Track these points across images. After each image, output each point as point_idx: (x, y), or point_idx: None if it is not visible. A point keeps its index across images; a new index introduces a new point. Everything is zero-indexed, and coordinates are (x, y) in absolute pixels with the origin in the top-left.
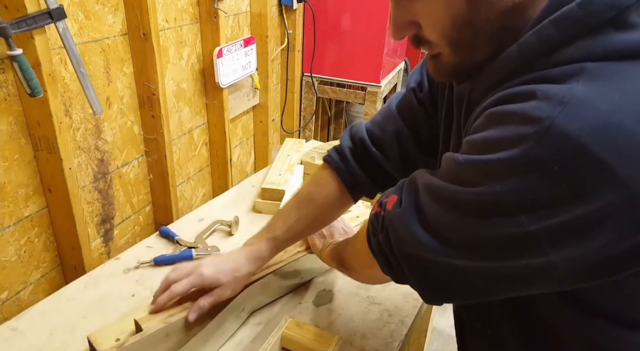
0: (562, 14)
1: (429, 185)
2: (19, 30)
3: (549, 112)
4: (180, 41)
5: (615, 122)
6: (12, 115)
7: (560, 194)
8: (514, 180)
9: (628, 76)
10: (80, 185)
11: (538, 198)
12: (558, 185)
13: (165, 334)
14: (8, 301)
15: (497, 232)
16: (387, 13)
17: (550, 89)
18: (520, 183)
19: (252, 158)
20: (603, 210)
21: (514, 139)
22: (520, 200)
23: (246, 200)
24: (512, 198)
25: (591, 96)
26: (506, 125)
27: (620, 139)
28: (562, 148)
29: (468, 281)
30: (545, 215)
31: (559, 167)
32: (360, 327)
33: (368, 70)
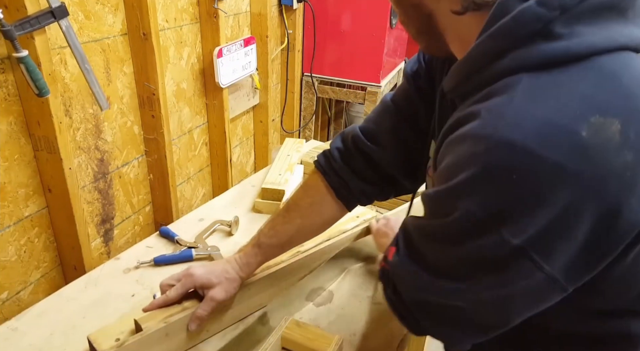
0: (497, 27)
1: (419, 227)
2: (23, 32)
3: (493, 126)
4: (180, 41)
5: (555, 123)
6: (12, 115)
7: (526, 201)
8: (481, 195)
9: (559, 83)
10: (80, 185)
11: (509, 209)
12: (521, 192)
13: (165, 334)
14: (8, 301)
15: (487, 253)
16: (387, 13)
17: (492, 104)
18: (488, 197)
19: (252, 158)
20: (569, 208)
21: (470, 159)
22: (494, 214)
23: (246, 200)
24: (486, 214)
25: (528, 104)
26: (461, 148)
27: (562, 138)
28: (513, 156)
29: (482, 315)
30: (522, 225)
31: (517, 175)
32: (360, 327)
33: (368, 70)
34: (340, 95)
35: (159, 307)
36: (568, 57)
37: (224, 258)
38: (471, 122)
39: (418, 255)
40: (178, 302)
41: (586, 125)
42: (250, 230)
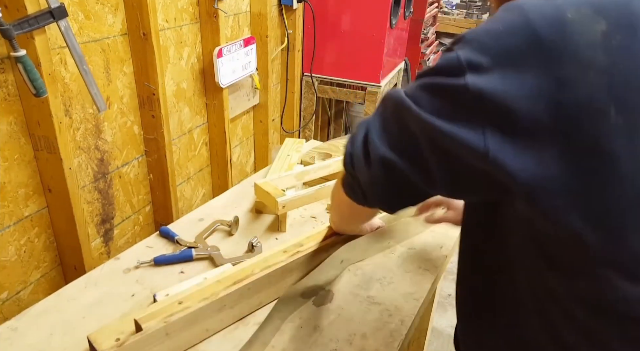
0: None
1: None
2: (22, 31)
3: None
4: (180, 41)
5: (552, 3)
6: (12, 115)
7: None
8: (474, 43)
9: None
10: (80, 185)
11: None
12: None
13: (166, 334)
14: (8, 301)
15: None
16: (387, 13)
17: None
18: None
19: (252, 158)
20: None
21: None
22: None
23: (246, 200)
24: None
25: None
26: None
27: (550, 13)
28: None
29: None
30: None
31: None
32: (360, 327)
33: (368, 70)
34: (340, 95)
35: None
36: None
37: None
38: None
39: (377, 116)
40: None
41: (575, 10)
42: (250, 230)
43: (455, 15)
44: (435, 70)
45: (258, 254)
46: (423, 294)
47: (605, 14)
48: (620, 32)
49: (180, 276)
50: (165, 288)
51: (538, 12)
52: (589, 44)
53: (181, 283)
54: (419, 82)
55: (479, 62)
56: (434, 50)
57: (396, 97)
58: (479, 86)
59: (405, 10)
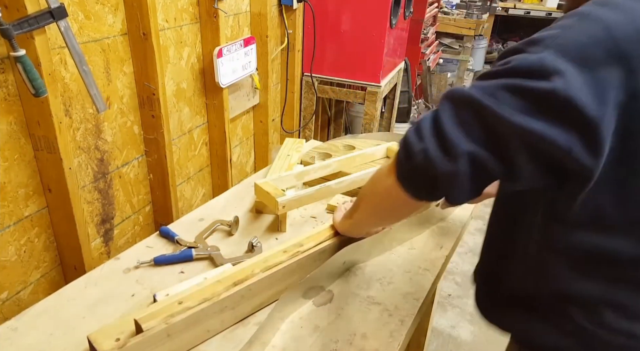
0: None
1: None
2: (21, 31)
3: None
4: (180, 41)
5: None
6: (12, 115)
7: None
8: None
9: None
10: (80, 185)
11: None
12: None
13: (167, 335)
14: (8, 301)
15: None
16: (387, 13)
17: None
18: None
19: (252, 158)
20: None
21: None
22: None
23: (246, 200)
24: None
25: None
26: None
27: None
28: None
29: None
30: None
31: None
32: (360, 327)
33: (368, 70)
34: (340, 95)
35: None
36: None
37: None
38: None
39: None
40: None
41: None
42: (250, 230)
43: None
44: (516, 72)
45: (258, 254)
46: (423, 294)
47: None
48: None
49: (180, 276)
50: (165, 288)
51: (618, 26)
52: None
53: (181, 283)
54: (500, 83)
55: (564, 68)
56: (433, 50)
57: (471, 96)
58: (567, 92)
59: (405, 10)
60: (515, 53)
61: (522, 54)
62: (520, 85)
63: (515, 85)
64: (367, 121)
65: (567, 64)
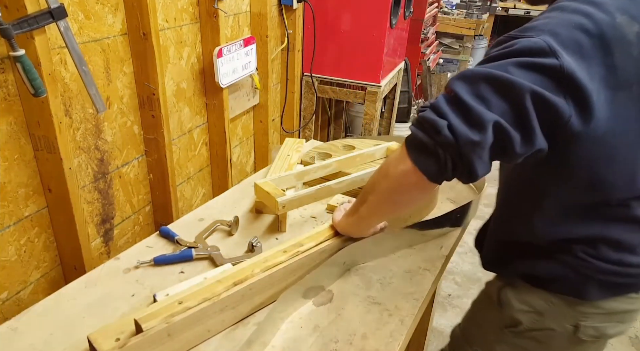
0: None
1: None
2: (21, 31)
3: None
4: (180, 41)
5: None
6: (12, 115)
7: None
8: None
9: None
10: (80, 185)
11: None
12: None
13: (167, 334)
14: (8, 301)
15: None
16: (387, 13)
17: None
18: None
19: (252, 158)
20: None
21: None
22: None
23: (246, 200)
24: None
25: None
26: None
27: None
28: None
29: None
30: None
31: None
32: (360, 327)
33: (368, 70)
34: (340, 95)
35: None
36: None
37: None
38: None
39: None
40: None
41: (619, 16)
42: (250, 230)
43: (455, 15)
44: (522, 52)
45: (258, 254)
46: (423, 294)
47: (636, 19)
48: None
49: (180, 276)
50: (165, 288)
51: (601, 17)
52: (630, 42)
53: (181, 283)
54: (509, 61)
55: (562, 51)
56: (433, 50)
57: (486, 72)
58: (572, 67)
59: (405, 10)
60: (511, 39)
61: (521, 39)
62: (530, 61)
63: (526, 62)
64: (367, 121)
65: (563, 48)
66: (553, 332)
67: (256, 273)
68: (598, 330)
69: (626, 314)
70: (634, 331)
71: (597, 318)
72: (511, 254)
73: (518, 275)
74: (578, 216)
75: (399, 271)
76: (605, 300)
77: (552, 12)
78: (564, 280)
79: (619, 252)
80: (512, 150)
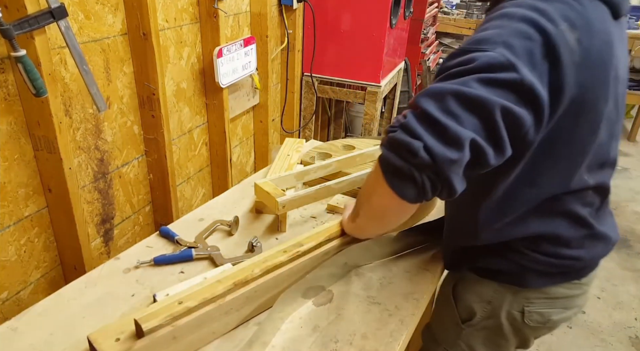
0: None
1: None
2: (21, 31)
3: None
4: (180, 41)
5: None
6: (12, 115)
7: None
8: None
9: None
10: (80, 185)
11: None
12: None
13: (173, 337)
14: (8, 301)
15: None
16: (387, 13)
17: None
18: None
19: (252, 158)
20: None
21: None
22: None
23: (246, 200)
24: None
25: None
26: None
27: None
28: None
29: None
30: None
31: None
32: (360, 327)
33: (368, 70)
34: (340, 95)
35: None
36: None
37: None
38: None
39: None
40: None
41: (561, 24)
42: (250, 230)
43: (455, 15)
44: (482, 68)
45: (258, 254)
46: (423, 294)
47: (575, 27)
48: (585, 37)
49: (180, 276)
50: (165, 288)
51: (546, 25)
52: (572, 49)
53: (181, 283)
54: (471, 78)
55: (518, 62)
56: (433, 50)
57: (452, 89)
58: (530, 79)
59: (405, 10)
60: (465, 53)
61: (477, 53)
62: (492, 77)
63: (488, 78)
64: (367, 121)
65: (518, 58)
66: (503, 320)
67: (256, 273)
68: (543, 316)
69: (569, 299)
70: (634, 331)
71: (541, 303)
72: (462, 253)
73: (467, 269)
74: (518, 215)
75: (399, 271)
76: (546, 287)
77: (499, 20)
78: (506, 271)
79: (556, 246)
80: (486, 163)
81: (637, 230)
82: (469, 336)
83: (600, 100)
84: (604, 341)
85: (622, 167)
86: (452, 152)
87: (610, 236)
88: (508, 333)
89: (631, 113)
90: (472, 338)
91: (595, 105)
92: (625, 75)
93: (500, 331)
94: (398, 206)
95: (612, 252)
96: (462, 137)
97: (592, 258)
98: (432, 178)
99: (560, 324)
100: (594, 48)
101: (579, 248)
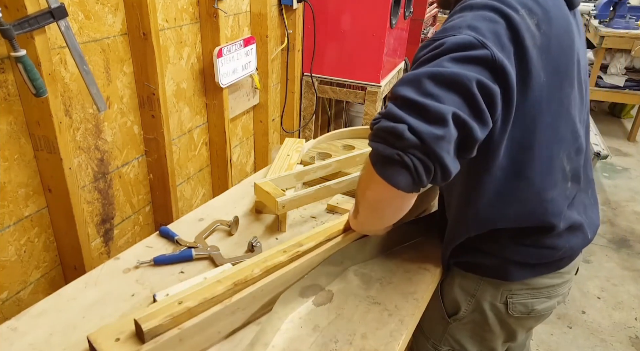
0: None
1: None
2: (22, 31)
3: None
4: (180, 41)
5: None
6: (12, 115)
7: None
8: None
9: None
10: (80, 185)
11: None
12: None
13: (179, 340)
14: (8, 301)
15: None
16: (387, 13)
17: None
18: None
19: (252, 158)
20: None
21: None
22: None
23: (246, 200)
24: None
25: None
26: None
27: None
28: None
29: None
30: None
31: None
32: (360, 327)
33: (368, 70)
34: (340, 95)
35: None
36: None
37: None
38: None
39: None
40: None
41: (520, 10)
42: (250, 230)
43: None
44: (452, 48)
45: (258, 254)
46: (423, 294)
47: (534, 12)
48: (543, 22)
49: (180, 276)
50: (165, 288)
51: (507, 11)
52: (533, 33)
53: (181, 283)
54: (443, 58)
55: (486, 41)
56: None
57: (426, 71)
58: (501, 57)
59: (405, 10)
60: (434, 42)
61: (445, 39)
62: (463, 55)
63: (459, 56)
64: (367, 121)
65: (486, 39)
66: (487, 312)
67: (256, 273)
68: (527, 306)
69: (551, 289)
70: (634, 331)
71: (524, 294)
72: (451, 249)
73: (453, 263)
74: (501, 205)
75: (399, 271)
76: (527, 278)
77: (463, 12)
78: (489, 265)
79: (536, 235)
80: (474, 137)
81: (637, 230)
82: (455, 331)
83: (565, 85)
84: (604, 341)
85: (622, 167)
86: (437, 128)
87: (588, 225)
88: (494, 326)
89: (631, 113)
90: (459, 332)
91: (562, 89)
92: (586, 63)
93: (486, 325)
94: (393, 197)
95: (612, 252)
96: (443, 112)
97: (572, 247)
98: (423, 160)
99: (547, 313)
100: (553, 34)
101: (557, 238)
